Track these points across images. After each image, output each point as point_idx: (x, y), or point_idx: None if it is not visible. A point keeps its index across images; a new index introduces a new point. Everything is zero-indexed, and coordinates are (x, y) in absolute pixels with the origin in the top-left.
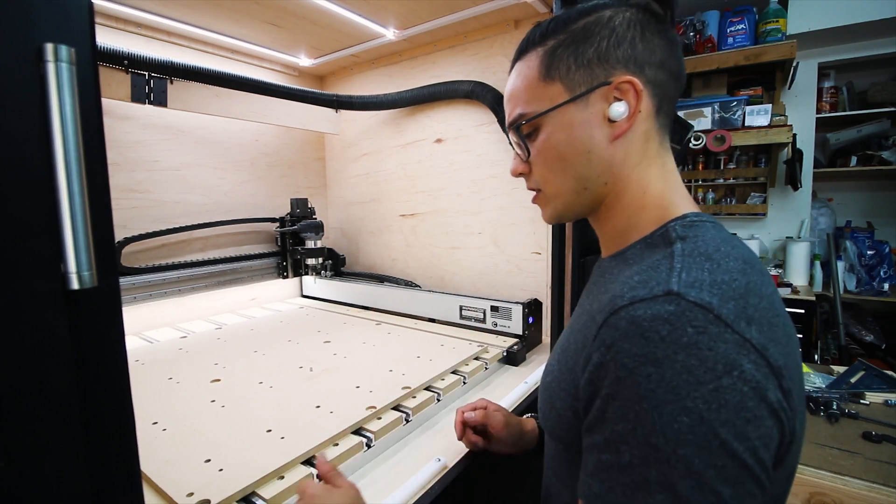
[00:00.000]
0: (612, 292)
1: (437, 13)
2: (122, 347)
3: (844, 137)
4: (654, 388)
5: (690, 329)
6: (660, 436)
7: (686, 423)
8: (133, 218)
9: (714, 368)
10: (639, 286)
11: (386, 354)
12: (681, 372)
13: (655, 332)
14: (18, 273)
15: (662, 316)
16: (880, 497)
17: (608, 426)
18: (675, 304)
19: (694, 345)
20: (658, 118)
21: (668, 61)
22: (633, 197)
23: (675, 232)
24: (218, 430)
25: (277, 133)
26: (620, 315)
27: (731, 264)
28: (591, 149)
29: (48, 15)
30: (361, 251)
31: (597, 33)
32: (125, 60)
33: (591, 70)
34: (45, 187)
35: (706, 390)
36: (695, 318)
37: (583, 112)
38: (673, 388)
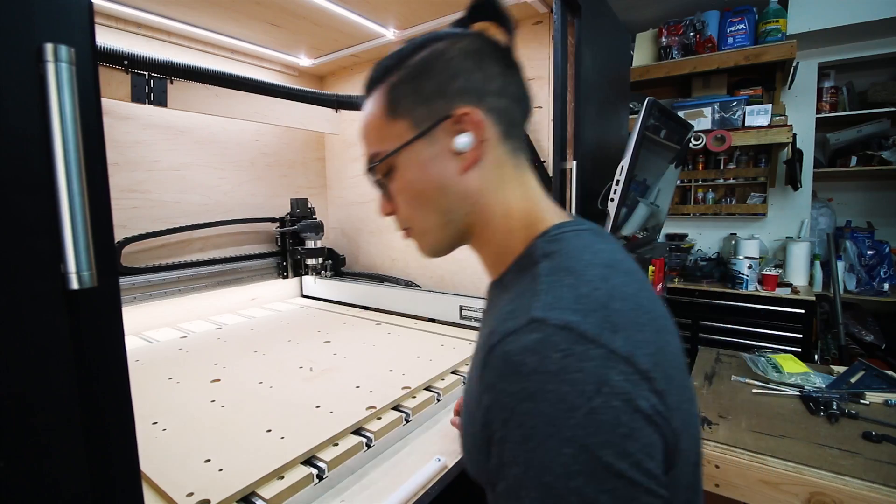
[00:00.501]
0: (489, 326)
1: (437, 13)
2: (122, 347)
3: (844, 137)
4: (534, 424)
5: (556, 354)
6: (549, 473)
7: (569, 454)
8: (133, 218)
9: (584, 391)
10: (508, 318)
11: (386, 354)
12: (554, 402)
13: (525, 364)
14: (18, 273)
15: (529, 347)
16: (880, 497)
17: (504, 471)
18: (540, 331)
19: (562, 370)
20: (508, 142)
21: (509, 87)
22: (500, 222)
23: (539, 250)
24: (218, 430)
25: (277, 133)
26: (495, 353)
27: (593, 272)
28: (445, 183)
29: (48, 15)
30: (361, 251)
31: (433, 67)
32: (125, 60)
33: (431, 105)
34: (45, 187)
35: (580, 415)
36: (560, 341)
37: (430, 147)
38: (551, 420)
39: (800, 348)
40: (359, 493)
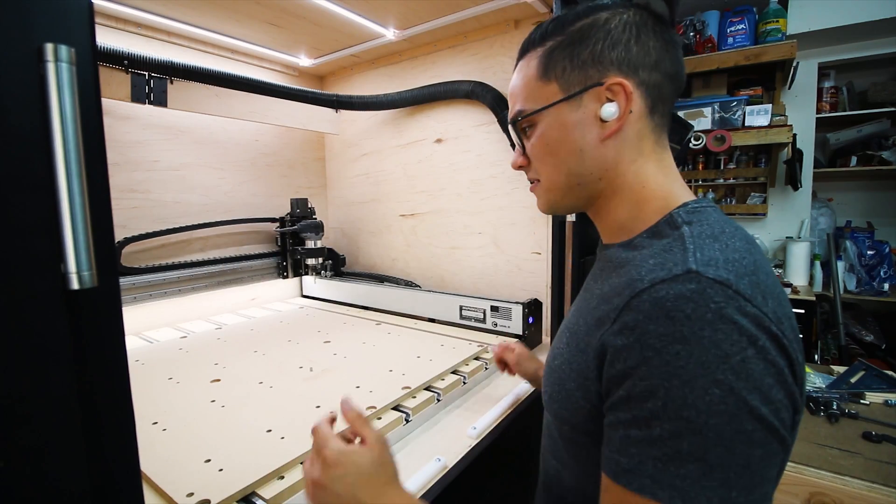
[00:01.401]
0: (627, 276)
1: (437, 13)
2: (122, 347)
3: (844, 137)
4: (683, 364)
5: (713, 305)
6: (692, 409)
7: (717, 394)
8: (133, 218)
9: (739, 341)
10: (656, 268)
11: (386, 354)
12: (709, 347)
13: (680, 310)
14: (18, 273)
15: (685, 294)
16: (880, 497)
17: (635, 404)
18: (696, 283)
19: (719, 320)
20: (653, 118)
21: (664, 62)
22: (632, 192)
23: (680, 218)
24: (218, 430)
25: (277, 133)
26: (643, 298)
27: (737, 244)
28: (583, 147)
29: (48, 15)
30: (361, 251)
31: (592, 35)
32: (125, 60)
33: (585, 71)
34: (45, 187)
35: (734, 362)
36: (716, 294)
37: (576, 112)
38: (702, 363)
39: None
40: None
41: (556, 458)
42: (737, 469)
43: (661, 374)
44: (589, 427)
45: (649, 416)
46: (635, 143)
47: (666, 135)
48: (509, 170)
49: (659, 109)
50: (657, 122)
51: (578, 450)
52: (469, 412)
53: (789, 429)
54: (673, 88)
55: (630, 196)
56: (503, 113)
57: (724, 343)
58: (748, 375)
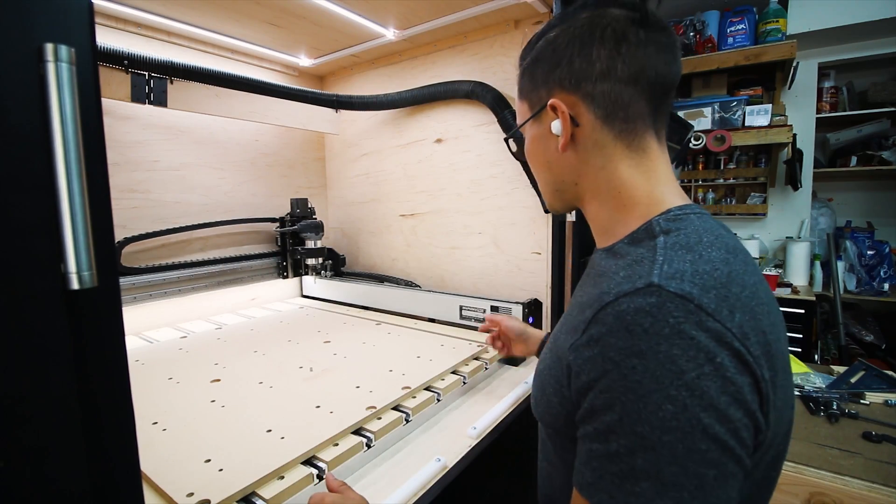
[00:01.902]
0: (600, 287)
1: (437, 13)
2: (122, 347)
3: (844, 137)
4: (639, 378)
5: (671, 319)
6: (645, 424)
7: (670, 410)
8: (133, 218)
9: (696, 357)
10: (624, 281)
11: (386, 354)
12: (664, 362)
13: (638, 324)
14: (18, 273)
15: (644, 308)
16: (880, 497)
17: (597, 417)
18: (657, 296)
19: (676, 335)
20: (612, 124)
21: (616, 69)
22: (609, 197)
23: (658, 226)
24: (218, 430)
25: (277, 133)
26: (607, 311)
27: (713, 254)
28: (549, 158)
29: (48, 15)
30: (361, 251)
31: (543, 56)
32: (125, 60)
33: (538, 92)
34: (45, 187)
35: (689, 378)
36: (675, 308)
37: (539, 128)
38: (657, 378)
39: (800, 348)
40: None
41: (546, 459)
42: (691, 489)
43: (619, 387)
44: (570, 432)
45: (607, 430)
46: (597, 150)
47: (651, 137)
48: (509, 170)
49: (620, 115)
50: (622, 128)
51: (565, 452)
52: (469, 412)
53: (749, 448)
54: (638, 90)
55: (608, 200)
56: (503, 113)
57: (680, 359)
58: (703, 393)
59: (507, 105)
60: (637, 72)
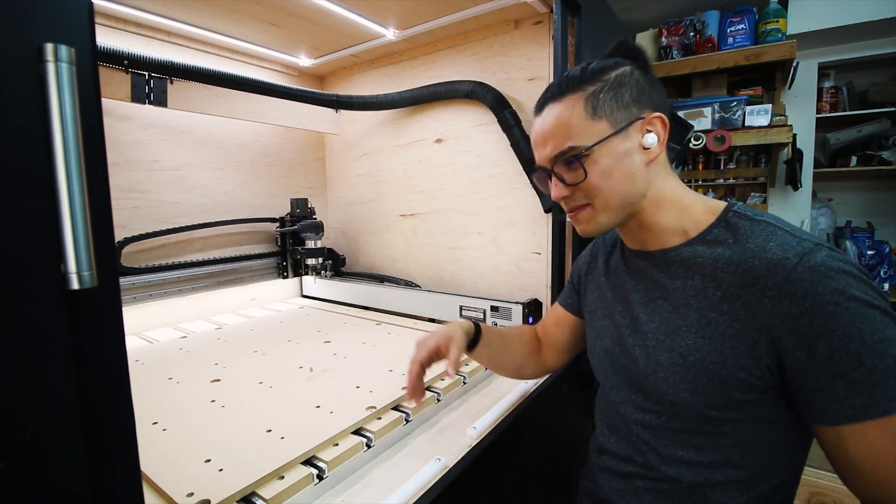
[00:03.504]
0: (758, 259)
1: (437, 13)
2: (122, 347)
3: (844, 137)
4: (868, 299)
5: (841, 260)
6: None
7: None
8: (133, 218)
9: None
10: (786, 247)
11: (386, 354)
12: (875, 294)
13: (835, 268)
14: (18, 273)
15: (831, 254)
16: None
17: (838, 354)
18: (825, 251)
19: (854, 269)
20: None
21: (667, 104)
22: (672, 202)
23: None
24: (218, 430)
25: (277, 133)
26: (799, 270)
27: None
28: (634, 171)
29: (48, 15)
30: (361, 251)
31: (627, 83)
32: (125, 60)
33: (629, 110)
34: (45, 187)
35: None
36: (836, 252)
37: (625, 143)
38: (875, 295)
39: None
40: (359, 493)
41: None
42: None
43: (850, 317)
44: (744, 398)
45: (886, 350)
46: (663, 165)
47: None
48: (509, 170)
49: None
50: (670, 148)
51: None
52: (469, 412)
53: None
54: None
55: (672, 206)
56: (503, 113)
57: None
58: (886, 311)
59: (507, 105)
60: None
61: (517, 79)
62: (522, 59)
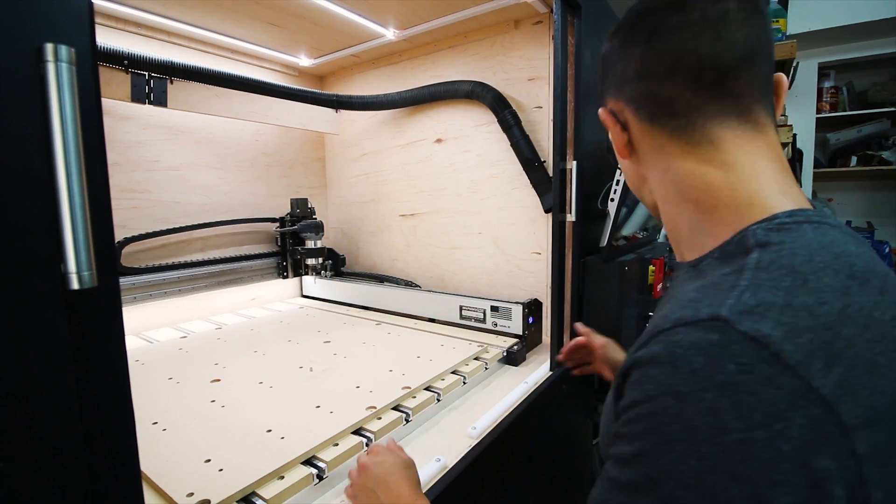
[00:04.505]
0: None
1: (437, 13)
2: (122, 347)
3: (844, 137)
4: (668, 421)
5: (732, 366)
6: (658, 471)
7: (694, 468)
8: (133, 218)
9: (749, 417)
10: (689, 306)
11: (386, 354)
12: (704, 414)
13: (687, 362)
14: (18, 273)
15: (700, 345)
16: None
17: (620, 443)
18: (720, 334)
19: (730, 385)
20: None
21: (648, 65)
22: (683, 200)
23: (754, 238)
24: (218, 430)
25: (277, 133)
26: (660, 339)
27: (824, 280)
28: (623, 162)
29: (48, 15)
30: (361, 251)
31: (599, 69)
32: (125, 60)
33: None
34: (45, 187)
35: (730, 440)
36: (742, 353)
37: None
38: (690, 427)
39: None
40: None
41: None
42: None
43: (646, 424)
44: None
45: (623, 461)
46: (656, 153)
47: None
48: (509, 170)
49: (667, 112)
50: (675, 125)
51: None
52: (469, 412)
53: None
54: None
55: (683, 204)
56: (503, 113)
57: (727, 415)
58: (742, 461)
59: (507, 105)
60: (672, 63)
61: (517, 79)
62: (522, 59)
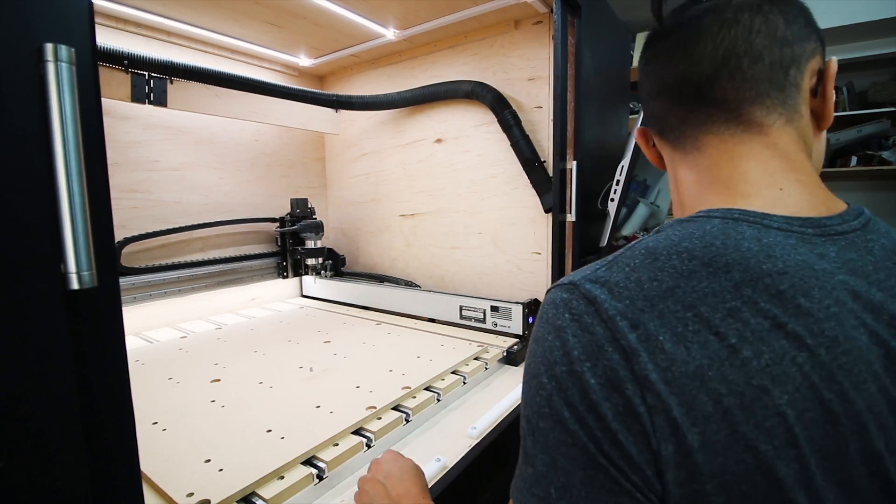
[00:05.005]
0: None
1: (437, 13)
2: (122, 347)
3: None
4: (530, 362)
5: (567, 315)
6: (528, 408)
7: (543, 397)
8: (133, 218)
9: (570, 353)
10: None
11: (386, 354)
12: (546, 351)
13: (545, 312)
14: (18, 273)
15: (555, 301)
16: None
17: None
18: (569, 293)
19: (563, 328)
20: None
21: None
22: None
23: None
24: (218, 430)
25: (277, 133)
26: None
27: (672, 262)
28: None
29: (48, 15)
30: (361, 251)
31: None
32: (125, 60)
33: None
34: (45, 187)
35: (559, 371)
36: (576, 306)
37: None
38: (537, 363)
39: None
40: None
41: None
42: (557, 486)
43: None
44: None
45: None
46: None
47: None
48: (509, 170)
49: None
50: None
51: None
52: (469, 412)
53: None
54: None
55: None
56: (503, 113)
57: (556, 351)
58: (566, 389)
59: (507, 105)
60: (657, 85)
61: (517, 79)
62: (522, 59)
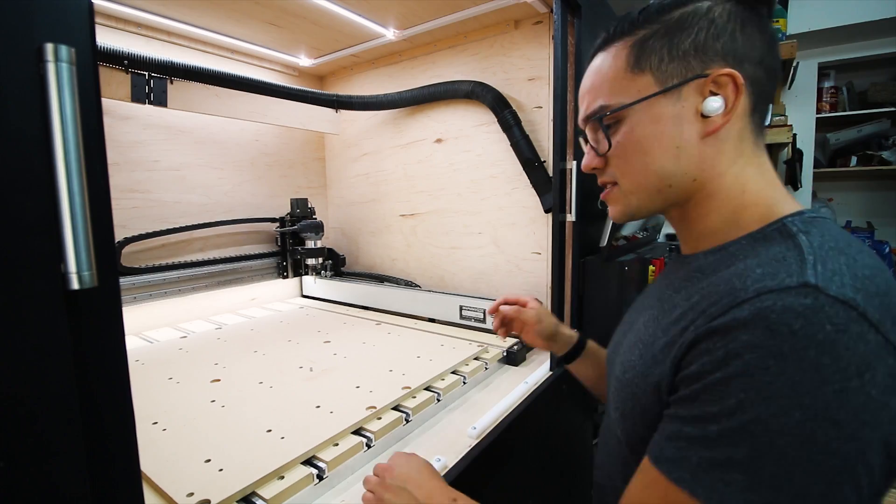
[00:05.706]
0: (727, 285)
1: (437, 13)
2: (122, 347)
3: (844, 137)
4: (770, 381)
5: (829, 326)
6: (761, 424)
7: (797, 418)
8: (133, 218)
9: (846, 369)
10: (765, 278)
11: (386, 354)
12: (807, 369)
13: (785, 325)
14: (18, 273)
15: (796, 309)
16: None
17: (699, 405)
18: (813, 298)
19: (830, 343)
20: (753, 117)
21: (767, 58)
22: (729, 197)
23: (794, 226)
24: (218, 430)
25: (277, 133)
26: (744, 308)
27: (867, 260)
28: (680, 144)
29: (48, 15)
30: (361, 251)
31: (694, 24)
32: (125, 60)
33: (686, 62)
34: (45, 187)
35: (830, 390)
36: (836, 315)
37: (674, 105)
38: (794, 384)
39: None
40: (359, 493)
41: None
42: (790, 495)
43: (740, 383)
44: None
45: (709, 419)
46: (736, 143)
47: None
48: (509, 170)
49: (760, 108)
50: (757, 122)
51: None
52: (469, 412)
53: (874, 474)
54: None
55: (726, 202)
56: (503, 113)
57: (828, 368)
58: (841, 406)
59: (508, 105)
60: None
61: (517, 79)
62: (522, 59)
